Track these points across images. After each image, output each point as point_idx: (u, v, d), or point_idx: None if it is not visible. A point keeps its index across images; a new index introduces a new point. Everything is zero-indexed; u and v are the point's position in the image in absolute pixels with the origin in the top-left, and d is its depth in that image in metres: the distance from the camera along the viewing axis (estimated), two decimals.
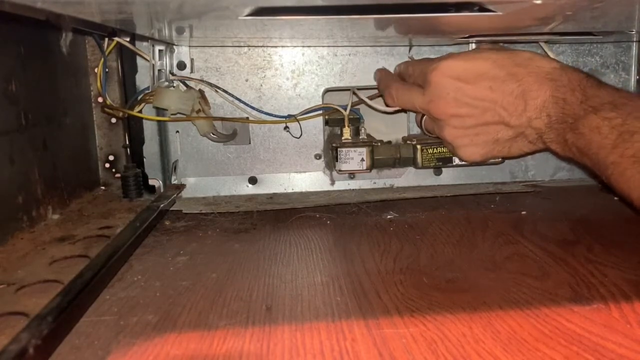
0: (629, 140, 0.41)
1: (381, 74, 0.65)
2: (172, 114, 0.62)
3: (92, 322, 0.35)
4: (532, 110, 0.50)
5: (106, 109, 0.65)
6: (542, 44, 0.67)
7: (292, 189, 0.68)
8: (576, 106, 0.46)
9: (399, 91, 0.60)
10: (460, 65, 0.53)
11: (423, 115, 0.60)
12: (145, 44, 0.61)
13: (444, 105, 0.54)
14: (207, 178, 0.67)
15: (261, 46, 0.66)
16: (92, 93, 0.68)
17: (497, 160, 0.60)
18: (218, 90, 0.65)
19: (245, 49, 0.66)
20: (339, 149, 0.63)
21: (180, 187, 0.65)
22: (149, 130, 0.65)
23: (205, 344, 0.32)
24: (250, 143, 0.67)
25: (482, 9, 0.41)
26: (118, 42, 0.61)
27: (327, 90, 0.67)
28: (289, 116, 0.66)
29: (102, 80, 0.63)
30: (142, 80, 0.63)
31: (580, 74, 0.49)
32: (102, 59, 0.62)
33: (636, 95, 0.45)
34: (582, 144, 0.45)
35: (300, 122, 0.66)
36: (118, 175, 0.69)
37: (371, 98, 0.68)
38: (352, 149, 0.63)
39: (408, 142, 0.65)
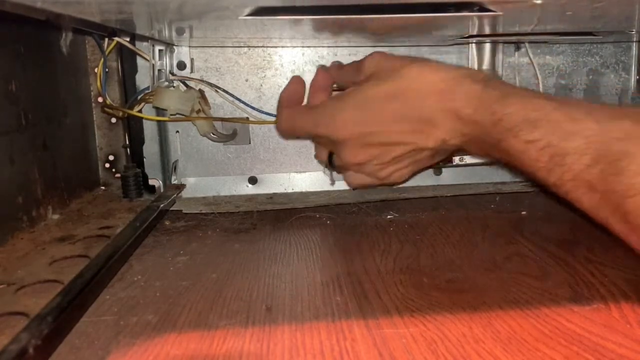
0: (563, 164, 0.37)
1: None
2: (171, 114, 0.62)
3: (92, 322, 0.35)
4: (445, 133, 0.47)
5: (106, 109, 0.65)
6: (527, 45, 0.67)
7: (292, 189, 0.68)
8: (490, 128, 0.42)
9: (290, 122, 0.57)
10: (356, 114, 0.50)
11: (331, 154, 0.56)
12: (145, 44, 0.61)
13: (354, 156, 0.52)
14: (207, 178, 0.67)
15: (261, 46, 0.66)
16: (92, 93, 0.68)
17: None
18: (218, 90, 0.65)
19: (245, 49, 0.66)
20: None
21: (180, 187, 0.65)
22: (149, 130, 0.65)
23: (205, 344, 0.32)
24: (250, 143, 0.67)
25: (482, 9, 0.41)
26: (118, 42, 0.61)
27: None
28: None
29: (102, 80, 0.63)
30: (142, 80, 0.63)
31: (477, 85, 0.44)
32: (102, 59, 0.62)
33: (544, 100, 0.40)
34: (512, 162, 0.42)
35: None
36: (118, 175, 0.69)
37: None
38: None
39: None
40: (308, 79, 0.67)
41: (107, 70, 0.64)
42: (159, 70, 0.62)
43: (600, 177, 0.34)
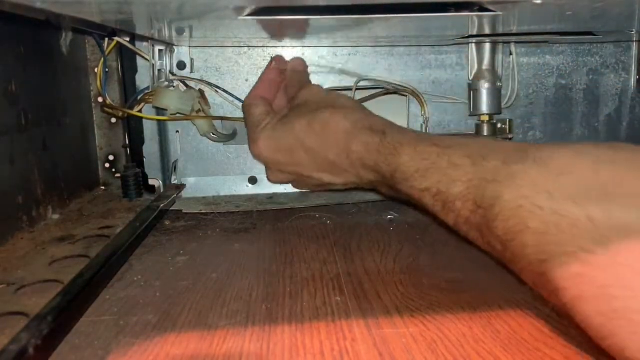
0: (454, 210, 0.38)
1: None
2: (171, 114, 0.62)
3: (92, 322, 0.35)
4: (352, 177, 0.51)
5: (106, 109, 0.65)
6: (512, 45, 0.67)
7: (292, 189, 0.68)
8: (389, 178, 0.45)
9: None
10: (272, 142, 0.55)
11: None
12: (145, 44, 0.61)
13: (273, 176, 0.59)
14: (207, 178, 0.67)
15: (261, 46, 0.66)
16: (92, 93, 0.68)
17: None
18: (218, 90, 0.65)
19: (245, 49, 0.66)
20: None
21: (180, 187, 0.65)
22: (149, 130, 0.65)
23: (205, 344, 0.32)
24: None
25: (482, 9, 0.41)
26: (118, 42, 0.61)
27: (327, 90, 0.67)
28: None
29: (102, 80, 0.63)
30: (142, 80, 0.63)
31: (375, 137, 0.47)
32: (102, 59, 0.62)
33: (431, 147, 0.41)
34: (418, 204, 0.44)
35: None
36: (118, 175, 0.69)
37: (373, 97, 0.68)
38: None
39: None
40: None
41: (107, 70, 0.64)
42: (159, 70, 0.62)
43: (484, 222, 0.34)
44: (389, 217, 0.57)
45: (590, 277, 0.25)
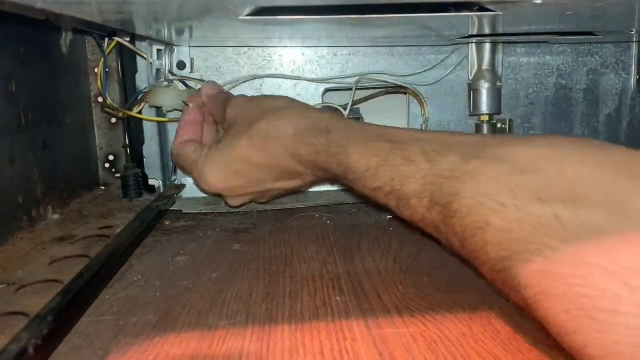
0: (409, 207, 0.37)
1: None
2: (167, 111, 0.62)
3: (92, 322, 0.35)
4: (309, 177, 0.51)
5: (106, 109, 0.65)
6: (501, 45, 0.67)
7: None
8: (343, 177, 0.44)
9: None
10: (220, 172, 0.52)
11: None
12: (145, 43, 0.61)
13: (235, 202, 0.57)
14: None
15: (261, 46, 0.66)
16: (92, 93, 0.68)
17: None
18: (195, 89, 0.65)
19: (245, 49, 0.66)
20: None
21: (180, 187, 0.65)
22: (149, 130, 0.65)
23: (205, 344, 0.32)
24: None
25: (482, 9, 0.41)
26: (118, 42, 0.61)
27: (327, 90, 0.67)
28: None
29: (102, 80, 0.63)
30: (142, 80, 0.63)
31: (320, 138, 0.45)
32: (102, 59, 0.62)
33: (382, 143, 0.40)
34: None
35: None
36: (118, 175, 0.69)
37: (373, 97, 0.68)
38: None
39: None
40: (308, 78, 0.67)
41: (107, 70, 0.64)
42: (159, 70, 0.62)
43: (441, 219, 0.34)
44: (389, 217, 0.57)
45: (556, 274, 0.25)
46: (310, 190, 0.67)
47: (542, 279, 0.26)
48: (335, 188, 0.67)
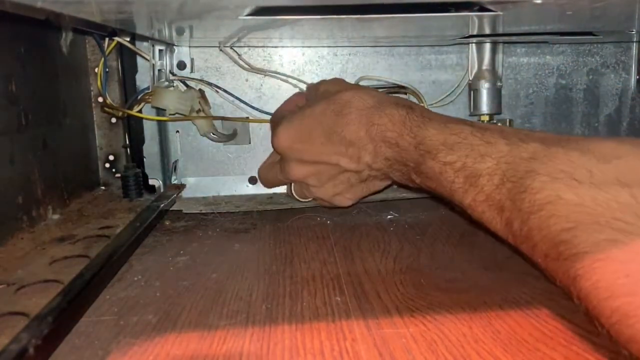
0: (477, 185, 0.37)
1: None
2: (170, 114, 0.62)
3: (92, 322, 0.35)
4: (367, 156, 0.49)
5: (106, 109, 0.65)
6: (501, 45, 0.67)
7: None
8: (412, 151, 0.44)
9: (262, 172, 0.64)
10: (291, 129, 0.54)
11: (291, 182, 0.60)
12: (145, 43, 0.61)
13: (294, 171, 0.55)
14: (207, 178, 0.67)
15: (261, 46, 0.66)
16: (92, 93, 0.68)
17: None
18: (218, 90, 0.65)
19: (246, 49, 0.66)
20: None
21: (180, 187, 0.65)
22: (149, 130, 0.65)
23: (205, 344, 0.32)
24: (250, 143, 0.67)
25: (482, 9, 0.41)
26: (118, 42, 0.61)
27: None
28: None
29: (102, 80, 0.63)
30: (142, 80, 0.63)
31: (401, 110, 0.46)
32: (102, 59, 0.62)
33: (463, 125, 0.41)
34: (432, 185, 0.43)
35: None
36: (118, 175, 0.69)
37: None
38: None
39: None
40: (308, 78, 0.67)
41: (107, 70, 0.64)
42: (159, 70, 0.62)
43: (508, 196, 0.34)
44: (389, 217, 0.57)
45: (626, 243, 0.26)
46: None
47: (608, 247, 0.26)
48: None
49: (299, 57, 0.67)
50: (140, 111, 0.63)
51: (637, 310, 0.25)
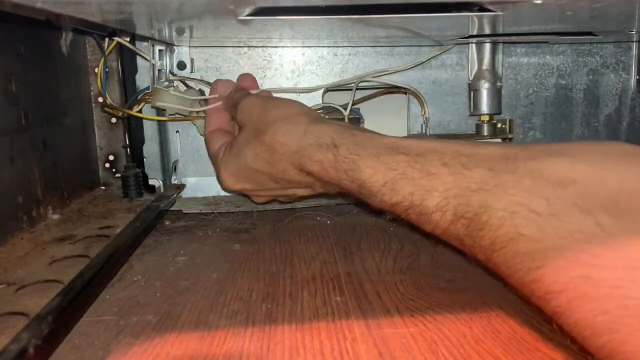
0: (431, 222, 0.36)
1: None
2: (170, 114, 0.62)
3: (92, 322, 0.35)
4: (319, 188, 0.49)
5: (106, 109, 0.65)
6: (501, 45, 0.67)
7: None
8: (357, 193, 0.42)
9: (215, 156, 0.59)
10: (234, 175, 0.52)
11: None
12: (145, 44, 0.61)
13: (257, 201, 0.56)
14: (207, 178, 0.67)
15: (261, 46, 0.66)
16: (92, 93, 0.68)
17: None
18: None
19: (245, 49, 0.66)
20: None
21: (180, 187, 0.65)
22: (149, 130, 0.65)
23: (205, 344, 0.32)
24: None
25: (482, 9, 0.41)
26: (118, 42, 0.61)
27: (327, 90, 0.67)
28: None
29: (102, 80, 0.63)
30: (142, 80, 0.63)
31: (327, 153, 0.43)
32: (103, 59, 0.62)
33: (397, 155, 0.38)
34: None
35: None
36: (118, 175, 0.69)
37: (373, 97, 0.68)
38: None
39: None
40: (308, 79, 0.67)
41: (107, 70, 0.64)
42: (159, 70, 0.62)
43: (466, 232, 0.33)
44: (389, 217, 0.57)
45: (598, 279, 0.25)
46: None
47: (580, 284, 0.26)
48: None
49: (299, 57, 0.67)
50: (140, 111, 0.63)
51: (622, 347, 0.24)
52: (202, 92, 0.64)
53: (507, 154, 0.34)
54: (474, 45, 0.66)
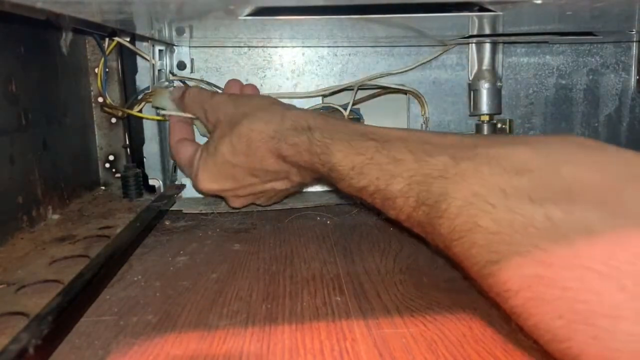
0: (395, 207, 0.37)
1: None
2: (169, 114, 0.62)
3: (92, 322, 0.35)
4: (296, 177, 0.50)
5: (106, 109, 0.65)
6: (501, 45, 0.67)
7: None
8: (327, 176, 0.43)
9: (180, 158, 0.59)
10: (212, 176, 0.52)
11: None
12: (145, 44, 0.61)
13: (234, 203, 0.56)
14: None
15: (261, 46, 0.66)
16: (92, 93, 0.68)
17: None
18: (218, 90, 0.65)
19: (246, 49, 0.66)
20: None
21: (180, 187, 0.65)
22: (149, 130, 0.65)
23: (205, 344, 0.32)
24: None
25: (482, 9, 0.41)
26: (118, 42, 0.61)
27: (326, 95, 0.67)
28: None
29: (102, 80, 0.63)
30: (142, 80, 0.63)
31: (301, 136, 0.45)
32: (103, 59, 0.62)
33: (367, 141, 0.40)
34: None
35: None
36: (118, 175, 0.69)
37: (373, 97, 0.68)
38: None
39: None
40: (308, 79, 0.67)
41: (107, 70, 0.64)
42: (159, 70, 0.62)
43: (427, 219, 0.33)
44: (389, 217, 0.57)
45: (550, 278, 0.24)
46: (311, 190, 0.67)
47: (534, 284, 0.25)
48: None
49: (299, 57, 0.67)
50: (140, 111, 0.63)
51: (579, 357, 0.23)
52: None
53: (469, 142, 0.35)
54: (474, 45, 0.66)
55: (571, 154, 0.30)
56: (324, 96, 0.67)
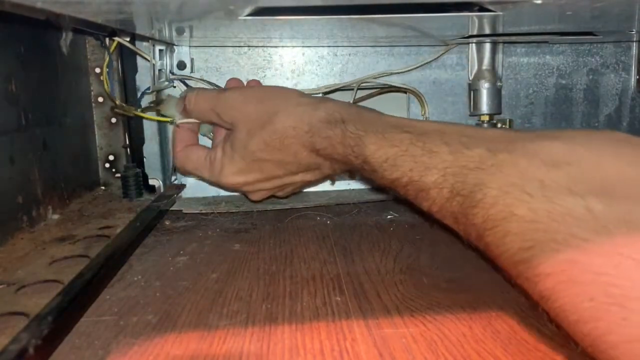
0: (428, 198, 0.37)
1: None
2: (178, 123, 0.61)
3: (92, 322, 0.35)
4: (327, 169, 0.50)
5: (117, 110, 0.65)
6: (501, 45, 0.67)
7: None
8: (361, 168, 0.44)
9: (184, 164, 0.58)
10: (238, 168, 0.52)
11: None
12: (145, 44, 0.61)
13: (256, 196, 0.56)
14: None
15: (261, 46, 0.66)
16: (92, 93, 0.68)
17: None
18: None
19: (246, 49, 0.66)
20: None
21: (180, 187, 0.65)
22: (149, 130, 0.65)
23: (205, 344, 0.32)
24: None
25: (482, 9, 0.41)
26: (118, 42, 0.61)
27: (326, 93, 0.67)
28: None
29: (108, 81, 0.63)
30: (143, 80, 0.63)
31: (335, 129, 0.45)
32: (107, 59, 0.62)
33: (401, 134, 0.40)
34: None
35: None
36: (118, 175, 0.69)
37: (372, 96, 0.68)
38: None
39: None
40: (308, 78, 0.67)
41: (107, 70, 0.64)
42: (159, 70, 0.62)
43: (460, 209, 0.33)
44: (389, 217, 0.57)
45: (585, 264, 0.25)
46: (310, 190, 0.67)
47: (568, 268, 0.26)
48: (335, 188, 0.67)
49: (299, 57, 0.67)
50: (143, 111, 0.63)
51: (606, 336, 0.24)
52: None
53: (507, 136, 0.35)
54: (474, 45, 0.66)
55: (612, 149, 0.31)
56: (324, 95, 0.67)
